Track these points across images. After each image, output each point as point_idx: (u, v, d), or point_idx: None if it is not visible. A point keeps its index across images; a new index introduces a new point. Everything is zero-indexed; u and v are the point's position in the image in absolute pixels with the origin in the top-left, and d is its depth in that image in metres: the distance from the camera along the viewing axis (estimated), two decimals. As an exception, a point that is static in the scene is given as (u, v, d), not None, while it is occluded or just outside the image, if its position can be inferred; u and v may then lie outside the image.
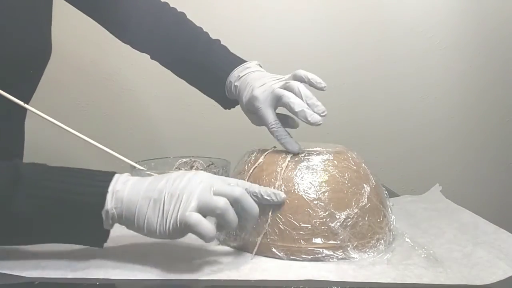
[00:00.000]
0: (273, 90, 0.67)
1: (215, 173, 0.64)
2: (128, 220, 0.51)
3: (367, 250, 0.57)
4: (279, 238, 0.56)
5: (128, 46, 0.86)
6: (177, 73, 0.84)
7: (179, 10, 0.85)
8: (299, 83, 0.67)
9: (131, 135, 1.31)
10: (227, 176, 0.69)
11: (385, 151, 1.35)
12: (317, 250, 0.55)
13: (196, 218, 0.49)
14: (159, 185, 0.51)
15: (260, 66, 0.77)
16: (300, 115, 0.63)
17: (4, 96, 0.61)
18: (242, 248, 0.59)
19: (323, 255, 0.55)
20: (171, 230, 0.49)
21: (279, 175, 0.59)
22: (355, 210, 0.57)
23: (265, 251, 0.57)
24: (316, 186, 0.57)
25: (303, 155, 0.61)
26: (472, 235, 0.64)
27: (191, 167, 0.77)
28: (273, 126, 0.66)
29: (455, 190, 1.28)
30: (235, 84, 0.74)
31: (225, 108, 0.82)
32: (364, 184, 0.60)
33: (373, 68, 1.33)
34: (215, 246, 0.61)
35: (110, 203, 0.50)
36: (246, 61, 0.77)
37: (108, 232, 0.53)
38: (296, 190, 0.57)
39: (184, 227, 0.49)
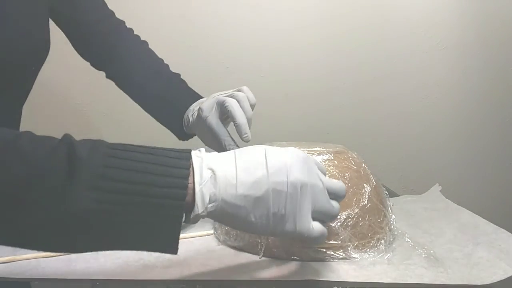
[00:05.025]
0: (217, 99, 0.69)
1: None
2: (223, 218, 0.43)
3: (368, 250, 0.57)
4: (279, 238, 0.56)
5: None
6: (135, 99, 0.86)
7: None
8: (244, 94, 0.69)
9: (131, 135, 1.31)
10: None
11: (385, 151, 1.35)
12: (317, 250, 0.55)
13: (320, 230, 0.44)
14: (257, 178, 0.42)
15: None
16: (238, 127, 0.65)
17: None
18: (242, 248, 0.59)
19: (324, 255, 0.55)
20: (280, 234, 0.43)
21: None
22: (356, 210, 0.57)
23: (266, 251, 0.57)
24: (317, 186, 0.57)
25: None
26: (472, 235, 0.64)
27: None
28: (222, 138, 0.68)
29: (455, 190, 1.28)
30: (191, 117, 0.76)
31: (180, 139, 0.84)
32: (365, 184, 0.60)
33: (373, 68, 1.33)
34: (215, 246, 0.61)
35: (201, 207, 0.41)
36: (203, 97, 0.80)
37: (178, 238, 0.42)
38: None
39: (306, 238, 0.44)
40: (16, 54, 0.66)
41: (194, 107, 0.78)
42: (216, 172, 0.42)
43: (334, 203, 0.46)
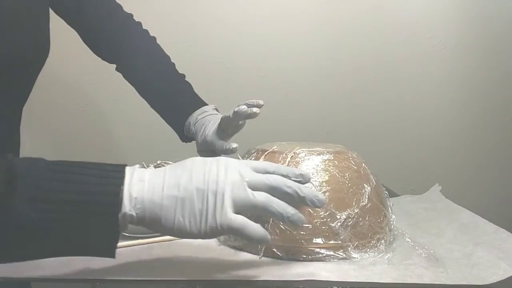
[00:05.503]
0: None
1: None
2: (153, 222, 0.45)
3: (368, 250, 0.57)
4: (279, 238, 0.56)
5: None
6: (140, 94, 0.87)
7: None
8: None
9: (131, 135, 1.31)
10: None
11: (385, 151, 1.35)
12: (317, 250, 0.55)
13: (240, 221, 0.45)
14: (182, 180, 0.45)
15: (217, 110, 0.84)
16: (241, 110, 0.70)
17: None
18: (242, 248, 0.59)
19: (324, 255, 0.55)
20: (208, 232, 0.45)
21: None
22: (356, 210, 0.57)
23: (266, 251, 0.57)
24: (317, 186, 0.57)
25: (303, 155, 0.61)
26: (472, 235, 0.64)
27: None
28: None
29: (455, 190, 1.28)
30: (193, 125, 0.81)
31: (182, 141, 0.87)
32: (365, 184, 0.60)
33: (373, 68, 1.33)
34: (215, 246, 0.61)
35: (128, 206, 0.44)
36: (206, 104, 0.84)
37: (118, 240, 0.45)
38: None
39: (228, 231, 0.45)
40: (16, 55, 0.66)
41: (197, 114, 0.81)
42: (145, 178, 0.45)
43: (256, 193, 0.46)
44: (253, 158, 0.64)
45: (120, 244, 0.60)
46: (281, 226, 0.56)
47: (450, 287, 0.49)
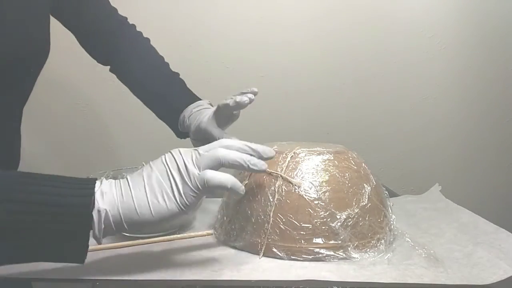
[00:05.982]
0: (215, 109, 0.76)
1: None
2: (127, 216, 0.46)
3: (368, 250, 0.57)
4: (279, 238, 0.56)
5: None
6: (135, 94, 0.88)
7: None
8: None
9: (131, 135, 1.31)
10: None
11: (385, 151, 1.35)
12: (317, 250, 0.55)
13: (210, 174, 0.48)
14: (144, 173, 0.49)
15: (211, 105, 0.83)
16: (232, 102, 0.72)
17: None
18: (242, 248, 0.59)
19: (324, 255, 0.55)
20: (185, 201, 0.47)
21: (279, 175, 0.59)
22: (356, 210, 0.57)
23: (266, 251, 0.57)
24: (317, 186, 0.57)
25: (303, 155, 0.61)
26: (472, 235, 0.64)
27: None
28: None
29: (455, 190, 1.28)
30: (187, 118, 0.81)
31: (178, 137, 0.87)
32: (365, 184, 0.60)
33: (373, 68, 1.33)
34: (215, 246, 0.61)
35: (101, 202, 0.45)
36: (200, 99, 0.84)
37: (87, 247, 0.45)
38: (296, 190, 0.57)
39: (202, 189, 0.47)
40: (16, 55, 0.66)
41: (192, 108, 0.81)
42: (113, 183, 0.48)
43: (213, 149, 0.50)
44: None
45: (120, 244, 0.60)
46: (281, 227, 0.56)
47: (450, 287, 0.49)
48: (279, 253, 0.56)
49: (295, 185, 0.57)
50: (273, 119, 1.31)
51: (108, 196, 0.46)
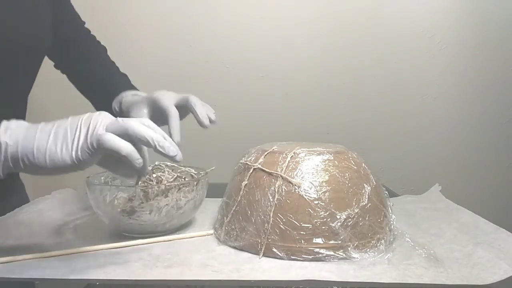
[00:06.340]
0: (180, 95, 0.73)
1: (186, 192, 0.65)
2: (25, 157, 0.48)
3: (368, 250, 0.57)
4: (279, 238, 0.56)
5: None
6: (77, 84, 0.88)
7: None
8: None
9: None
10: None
11: (385, 151, 1.36)
12: (317, 250, 0.55)
13: (110, 136, 0.48)
14: (58, 121, 0.50)
15: None
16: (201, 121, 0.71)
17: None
18: (242, 248, 0.59)
19: (324, 255, 0.55)
20: (80, 156, 0.48)
21: (279, 175, 0.59)
22: (356, 210, 0.57)
23: (266, 251, 0.57)
24: (317, 186, 0.57)
25: (303, 155, 0.61)
26: (472, 235, 0.64)
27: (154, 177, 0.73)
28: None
29: (455, 190, 1.28)
30: (124, 100, 0.78)
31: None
32: (365, 184, 0.60)
33: (373, 68, 1.33)
34: (215, 246, 0.61)
35: (3, 136, 0.48)
36: (138, 90, 0.81)
37: None
38: (296, 190, 0.57)
39: (98, 149, 0.48)
40: (18, 42, 0.68)
41: (131, 94, 0.79)
42: (25, 123, 0.50)
43: (126, 119, 0.51)
44: (253, 158, 0.64)
45: (120, 244, 0.60)
46: (281, 227, 0.56)
47: (450, 287, 0.49)
48: (279, 253, 0.56)
49: (295, 185, 0.57)
50: (273, 119, 1.31)
51: (14, 132, 0.49)
